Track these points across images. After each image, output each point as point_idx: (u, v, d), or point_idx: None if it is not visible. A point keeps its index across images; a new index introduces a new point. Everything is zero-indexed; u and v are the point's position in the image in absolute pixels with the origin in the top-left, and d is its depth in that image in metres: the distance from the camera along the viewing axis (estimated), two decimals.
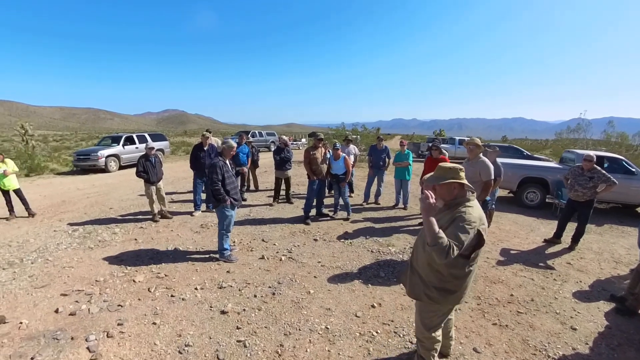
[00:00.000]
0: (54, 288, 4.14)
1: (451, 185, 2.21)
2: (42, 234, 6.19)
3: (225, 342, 3.10)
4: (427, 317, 2.44)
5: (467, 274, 2.27)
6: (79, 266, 4.76)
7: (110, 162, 15.01)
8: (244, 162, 8.55)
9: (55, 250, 5.36)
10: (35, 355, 2.91)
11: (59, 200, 9.05)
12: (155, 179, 6.76)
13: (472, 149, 4.83)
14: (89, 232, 6.21)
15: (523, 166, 8.90)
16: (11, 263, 4.86)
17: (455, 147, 20.49)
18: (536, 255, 5.31)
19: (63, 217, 7.31)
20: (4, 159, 7.39)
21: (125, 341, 3.13)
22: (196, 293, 3.99)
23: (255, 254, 5.14)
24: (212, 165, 4.65)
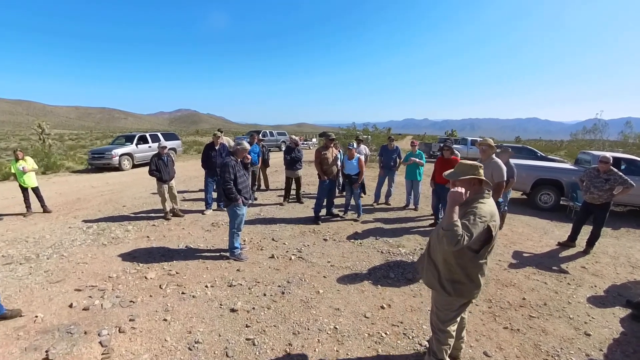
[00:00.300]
0: (69, 283, 4.22)
1: (471, 181, 2.30)
2: (58, 230, 6.32)
3: (235, 340, 3.12)
4: (441, 310, 2.48)
5: (475, 267, 2.31)
6: (93, 262, 4.85)
7: (124, 160, 15.27)
8: (255, 161, 8.60)
9: (70, 246, 5.47)
10: (50, 348, 2.97)
11: (74, 198, 9.24)
12: (167, 178, 6.85)
13: (485, 150, 4.76)
14: (102, 229, 6.32)
15: (537, 167, 8.71)
16: (28, 258, 4.98)
17: (468, 148, 20.16)
18: (550, 259, 5.20)
19: (78, 214, 7.45)
20: (24, 157, 7.60)
21: (136, 337, 3.17)
22: (206, 291, 4.02)
23: (265, 253, 5.15)
24: (225, 164, 4.67)
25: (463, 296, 2.39)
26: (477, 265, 2.31)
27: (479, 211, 2.16)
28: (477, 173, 2.30)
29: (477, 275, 2.34)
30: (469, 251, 2.26)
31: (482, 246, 2.26)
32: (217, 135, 7.71)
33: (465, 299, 2.43)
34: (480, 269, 2.33)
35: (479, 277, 2.35)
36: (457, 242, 2.03)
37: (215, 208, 7.72)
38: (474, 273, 2.32)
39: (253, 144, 8.76)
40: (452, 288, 2.36)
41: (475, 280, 2.35)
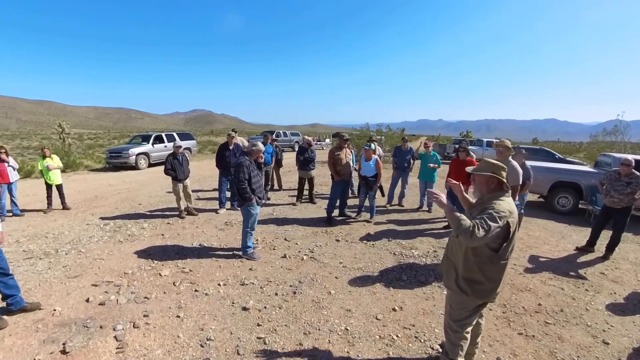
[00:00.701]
0: (86, 278, 4.32)
1: (490, 178, 2.31)
2: (76, 227, 6.47)
3: (246, 338, 3.13)
4: (455, 309, 2.46)
5: (494, 267, 2.27)
6: (109, 258, 4.95)
7: (140, 159, 15.54)
8: (268, 161, 8.64)
9: (87, 242, 5.60)
10: (67, 341, 3.04)
11: (92, 195, 9.46)
12: (182, 177, 6.94)
13: (502, 151, 4.67)
14: (119, 227, 6.45)
15: (555, 170, 8.49)
16: (47, 253, 5.11)
17: (483, 149, 19.76)
18: (567, 264, 5.05)
19: (95, 212, 7.62)
20: (51, 155, 7.84)
21: (150, 332, 3.22)
22: (219, 289, 4.05)
23: (277, 253, 5.17)
24: (239, 164, 4.70)
25: (480, 297, 2.36)
26: (496, 265, 2.28)
27: (497, 207, 2.16)
28: (497, 172, 2.29)
29: (497, 276, 2.31)
30: (488, 250, 2.24)
31: (501, 244, 2.23)
32: (231, 135, 7.79)
33: (481, 299, 2.39)
34: (500, 270, 2.30)
35: (498, 276, 2.32)
36: (471, 233, 2.02)
37: (229, 207, 7.78)
38: (494, 273, 2.29)
39: (266, 144, 8.81)
40: (469, 288, 2.34)
41: (494, 281, 2.32)
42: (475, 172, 2.41)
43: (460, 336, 2.46)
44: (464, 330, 2.47)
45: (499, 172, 2.30)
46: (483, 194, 2.40)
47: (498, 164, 2.35)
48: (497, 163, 2.36)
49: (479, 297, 2.36)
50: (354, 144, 10.89)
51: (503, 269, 2.32)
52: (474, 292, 2.34)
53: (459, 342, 2.47)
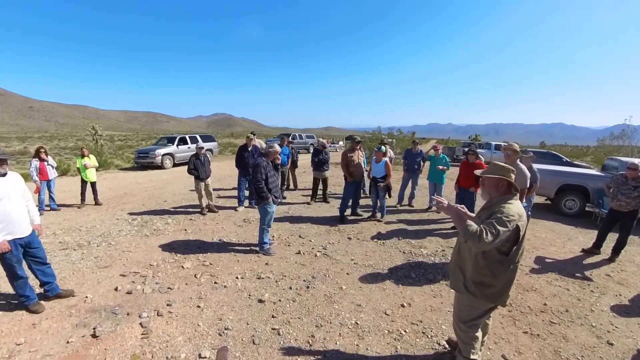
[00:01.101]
0: (115, 269, 4.42)
1: (499, 181, 2.24)
2: (107, 221, 6.63)
3: (261, 329, 3.14)
4: (463, 311, 2.40)
5: (504, 270, 2.19)
6: (136, 251, 5.05)
7: (166, 160, 15.79)
8: (284, 162, 8.67)
9: (117, 235, 5.73)
10: (97, 326, 3.12)
11: (122, 193, 9.68)
12: (204, 176, 7.02)
13: (510, 155, 4.56)
14: (145, 222, 6.58)
15: (562, 173, 8.22)
16: (81, 245, 5.26)
17: (491, 152, 19.32)
18: (573, 265, 4.89)
19: (124, 207, 7.80)
20: (89, 154, 8.08)
21: (172, 320, 3.27)
22: (237, 282, 4.08)
23: (292, 249, 5.17)
24: (257, 165, 4.72)
25: (489, 300, 2.28)
26: (506, 269, 2.19)
27: (507, 211, 2.08)
28: (506, 175, 2.23)
29: (507, 279, 2.23)
30: (497, 253, 2.17)
31: (511, 248, 2.16)
32: (250, 137, 7.85)
33: (492, 303, 2.31)
34: (510, 273, 2.22)
35: (510, 281, 2.24)
36: (479, 237, 1.96)
37: (247, 205, 7.83)
38: (504, 276, 2.21)
39: (283, 146, 8.85)
40: (478, 290, 2.26)
41: (504, 284, 2.24)
42: (485, 174, 2.34)
43: (470, 335, 2.40)
44: (474, 331, 2.40)
45: (508, 174, 2.24)
46: (492, 197, 2.31)
47: (507, 166, 2.28)
48: (506, 166, 2.29)
49: (487, 300, 2.28)
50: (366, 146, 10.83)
51: (513, 272, 2.24)
52: (483, 295, 2.26)
53: (470, 341, 2.41)
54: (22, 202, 3.31)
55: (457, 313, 2.46)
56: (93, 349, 2.85)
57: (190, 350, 2.85)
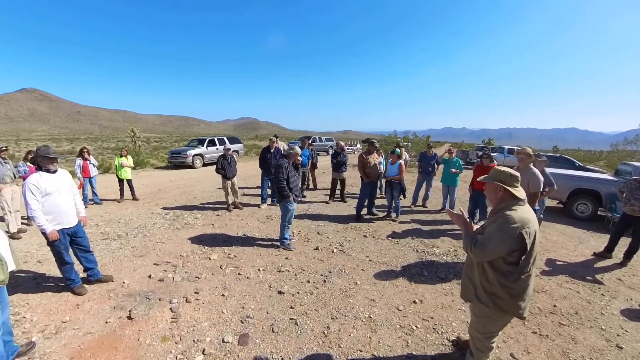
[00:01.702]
0: (149, 258, 4.56)
1: (496, 187, 2.06)
2: (143, 215, 6.86)
3: (280, 319, 3.16)
4: (479, 321, 2.24)
5: (514, 281, 1.99)
6: (168, 242, 5.19)
7: (196, 160, 16.15)
8: (305, 163, 8.70)
9: (151, 228, 5.92)
10: (132, 309, 3.24)
11: (156, 189, 9.99)
12: (230, 175, 7.13)
13: (523, 159, 4.40)
14: (177, 216, 6.75)
15: (574, 177, 7.82)
16: (119, 236, 5.47)
17: (504, 156, 18.66)
18: (584, 269, 4.64)
19: (158, 203, 8.04)
20: (127, 155, 8.41)
21: (199, 307, 3.34)
22: (259, 274, 4.12)
23: (310, 245, 5.17)
24: (279, 165, 4.75)
25: (504, 310, 2.08)
26: (516, 279, 1.99)
27: (507, 218, 1.92)
28: (505, 181, 2.04)
29: (519, 290, 2.01)
30: (505, 264, 1.98)
31: (519, 257, 1.95)
32: (273, 140, 7.93)
33: (507, 314, 2.10)
34: (523, 283, 2.01)
35: (522, 291, 2.02)
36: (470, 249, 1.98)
37: (270, 203, 7.89)
38: (515, 287, 2.01)
39: (304, 148, 8.88)
40: (490, 300, 2.09)
41: (517, 295, 2.02)
42: (485, 180, 2.15)
43: (485, 345, 2.26)
44: (490, 341, 2.26)
45: (508, 181, 2.03)
46: (493, 204, 2.13)
47: (508, 172, 2.06)
48: (506, 171, 2.07)
49: (501, 311, 2.09)
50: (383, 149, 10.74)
51: (526, 282, 2.01)
52: (495, 306, 2.08)
53: (483, 348, 2.28)
54: (70, 196, 3.48)
55: (474, 324, 2.30)
56: (128, 329, 2.96)
57: (214, 335, 2.91)
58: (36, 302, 3.40)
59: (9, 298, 2.53)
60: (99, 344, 2.77)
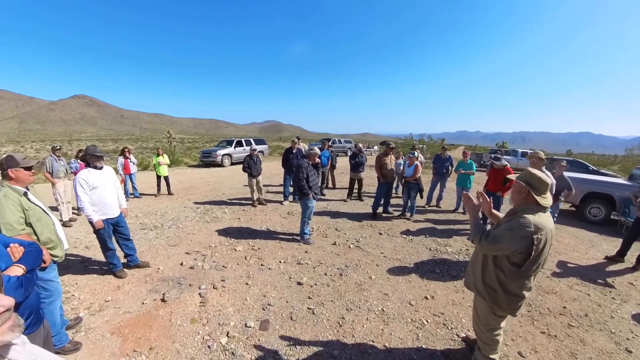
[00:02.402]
0: (181, 247, 4.71)
1: (522, 188, 1.94)
2: (176, 208, 7.09)
3: (298, 308, 3.18)
4: (479, 313, 2.22)
5: (513, 280, 1.95)
6: (199, 234, 5.34)
7: (225, 159, 16.48)
8: (324, 164, 8.71)
9: (184, 220, 6.10)
10: (166, 292, 3.37)
11: (189, 185, 10.29)
12: (256, 174, 7.22)
13: (535, 162, 4.22)
14: (207, 210, 6.93)
15: (588, 181, 7.36)
16: (156, 226, 5.68)
17: (517, 159, 17.89)
18: (595, 272, 4.38)
19: (191, 197, 8.28)
20: (163, 154, 8.73)
21: (225, 293, 3.43)
22: (280, 265, 4.16)
23: (328, 240, 5.17)
24: (299, 165, 4.78)
25: (498, 305, 2.05)
26: (516, 280, 1.94)
27: (523, 220, 1.84)
28: (532, 183, 1.91)
29: (515, 289, 1.97)
30: (508, 263, 1.93)
31: (524, 260, 1.88)
32: (295, 141, 8.01)
33: (500, 309, 2.07)
34: (521, 285, 1.96)
35: (517, 291, 1.98)
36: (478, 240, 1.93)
37: (291, 200, 7.94)
38: (513, 287, 1.97)
39: (324, 150, 8.88)
40: (486, 293, 2.07)
41: (511, 293, 1.99)
42: (515, 178, 2.04)
43: (489, 337, 2.21)
44: (493, 334, 2.20)
45: (535, 184, 1.90)
46: (515, 203, 2.03)
47: (538, 176, 1.91)
48: (536, 175, 1.92)
49: (495, 305, 2.06)
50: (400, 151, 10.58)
51: (524, 285, 1.96)
52: (491, 298, 2.06)
53: (488, 341, 2.23)
54: (114, 190, 3.65)
55: (475, 317, 2.28)
56: (162, 310, 3.08)
57: (238, 319, 2.97)
58: (83, 282, 3.60)
59: (61, 278, 2.69)
60: (136, 322, 2.90)
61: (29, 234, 2.22)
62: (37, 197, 2.45)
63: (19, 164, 2.26)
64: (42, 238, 2.28)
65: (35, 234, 2.26)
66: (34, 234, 2.25)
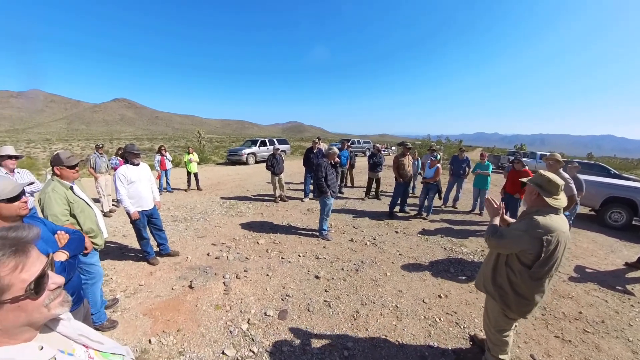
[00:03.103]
0: (208, 239, 4.85)
1: (532, 190, 1.89)
2: (204, 202, 7.31)
3: (315, 300, 3.20)
4: (489, 313, 2.15)
5: (523, 282, 1.87)
6: (224, 227, 5.48)
7: (250, 157, 16.81)
8: (344, 163, 8.69)
9: (211, 214, 6.28)
10: (193, 279, 3.50)
11: (216, 182, 10.58)
12: (278, 172, 7.32)
13: (552, 164, 3.99)
14: (232, 205, 7.10)
15: (609, 185, 6.84)
16: (186, 219, 5.89)
17: (536, 162, 17.02)
18: (614, 278, 4.07)
19: (217, 193, 8.51)
20: (193, 152, 9.05)
21: (247, 283, 3.50)
22: (299, 259, 4.20)
23: (346, 237, 5.15)
24: (319, 164, 4.80)
25: (508, 307, 1.97)
26: (525, 281, 1.87)
27: (533, 221, 1.78)
28: (542, 185, 1.85)
29: (525, 290, 1.89)
30: (518, 263, 1.87)
31: (533, 261, 1.81)
32: (316, 142, 8.03)
33: (510, 311, 1.98)
34: (531, 287, 1.87)
35: (528, 293, 1.89)
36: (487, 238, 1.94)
37: (311, 197, 7.98)
38: (521, 287, 1.89)
39: (343, 150, 8.87)
40: (496, 293, 2.00)
41: (521, 295, 1.91)
42: (527, 180, 1.99)
43: (499, 338, 2.13)
44: (502, 335, 2.12)
45: (545, 185, 1.84)
46: (527, 205, 1.97)
47: (547, 177, 1.85)
48: (546, 176, 1.86)
49: (506, 307, 1.99)
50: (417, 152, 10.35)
51: (535, 287, 1.86)
52: (501, 299, 1.98)
53: (498, 342, 2.15)
54: (149, 185, 3.82)
55: (485, 318, 2.21)
56: (189, 296, 3.20)
57: (258, 308, 3.03)
58: (120, 267, 3.81)
59: (102, 263, 2.85)
60: (165, 305, 3.03)
61: (73, 224, 2.36)
62: (83, 190, 2.60)
63: (63, 162, 2.38)
64: (85, 228, 2.42)
65: (79, 224, 2.40)
66: (77, 224, 2.39)
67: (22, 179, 3.40)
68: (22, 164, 10.90)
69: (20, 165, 3.74)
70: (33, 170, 9.59)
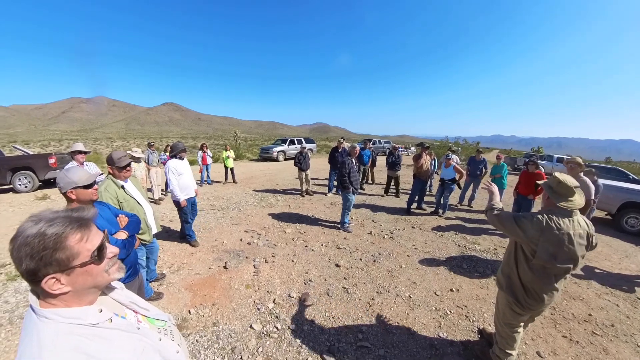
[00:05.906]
0: (241, 226, 5.02)
1: (545, 192, 1.83)
2: (239, 194, 7.55)
3: (335, 286, 3.21)
4: (500, 307, 2.07)
5: (528, 271, 1.80)
6: (255, 216, 5.64)
7: (280, 155, 17.09)
8: (366, 162, 8.61)
9: (244, 204, 6.48)
10: (227, 261, 3.64)
11: (249, 176, 10.86)
12: (305, 168, 7.39)
13: (573, 168, 3.68)
14: (263, 197, 7.27)
15: (626, 190, 6.21)
16: (222, 208, 6.12)
17: (553, 164, 15.72)
18: (627, 283, 3.71)
19: (251, 186, 8.74)
20: (230, 149, 9.37)
21: (274, 267, 3.59)
22: (321, 248, 4.23)
23: (365, 230, 5.12)
24: (343, 162, 4.80)
25: (514, 296, 1.89)
26: (530, 271, 1.80)
27: (535, 214, 1.75)
28: (551, 186, 1.78)
29: (532, 283, 1.81)
30: (521, 251, 1.83)
31: (533, 251, 1.73)
32: (340, 141, 7.97)
33: (517, 302, 1.89)
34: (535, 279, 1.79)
35: (535, 286, 1.81)
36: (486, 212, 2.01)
37: (334, 192, 7.98)
38: (528, 277, 1.81)
39: (365, 149, 8.77)
40: (505, 282, 1.94)
41: (528, 287, 1.83)
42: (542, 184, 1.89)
43: (507, 332, 2.04)
44: (511, 330, 2.02)
45: (555, 187, 1.75)
46: (542, 206, 1.89)
47: (557, 180, 1.76)
48: (556, 178, 1.78)
49: (512, 296, 1.90)
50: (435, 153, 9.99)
51: (540, 279, 1.77)
52: (508, 288, 1.92)
53: (506, 335, 2.05)
54: (192, 176, 4.03)
55: (497, 309, 2.13)
56: (224, 276, 3.34)
57: (283, 290, 3.10)
58: (167, 247, 4.05)
59: None
60: (203, 282, 3.20)
61: None
62: (137, 186, 2.62)
63: (115, 163, 2.36)
64: None
65: None
66: None
67: (91, 171, 3.71)
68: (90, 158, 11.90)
69: (88, 159, 4.09)
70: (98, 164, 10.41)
